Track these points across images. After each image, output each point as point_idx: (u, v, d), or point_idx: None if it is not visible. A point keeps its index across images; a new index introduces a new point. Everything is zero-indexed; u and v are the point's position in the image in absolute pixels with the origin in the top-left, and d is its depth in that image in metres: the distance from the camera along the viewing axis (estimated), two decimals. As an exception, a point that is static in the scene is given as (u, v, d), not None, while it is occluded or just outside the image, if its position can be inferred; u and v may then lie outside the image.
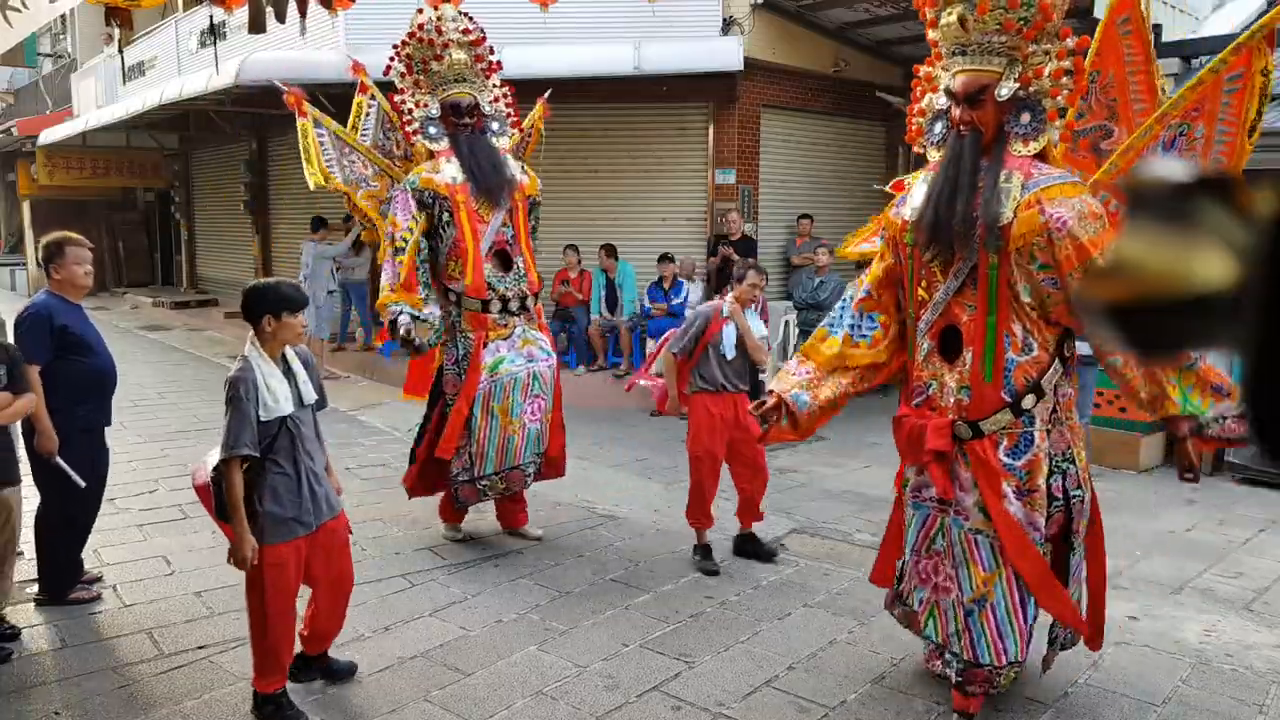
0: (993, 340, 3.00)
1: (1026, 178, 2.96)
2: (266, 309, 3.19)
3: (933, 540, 3.23)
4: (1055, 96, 3.01)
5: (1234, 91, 3.06)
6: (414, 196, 4.91)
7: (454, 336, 5.02)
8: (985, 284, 2.99)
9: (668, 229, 10.13)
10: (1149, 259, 0.67)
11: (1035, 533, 3.04)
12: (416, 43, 4.98)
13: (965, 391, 3.07)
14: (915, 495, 3.28)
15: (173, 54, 14.16)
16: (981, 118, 3.01)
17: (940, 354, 3.16)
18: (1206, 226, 0.65)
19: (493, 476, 4.98)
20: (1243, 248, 0.64)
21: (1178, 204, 0.67)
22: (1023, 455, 3.04)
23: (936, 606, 3.24)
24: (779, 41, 9.74)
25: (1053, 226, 2.85)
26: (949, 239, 3.00)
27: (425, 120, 5.05)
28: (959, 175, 3.00)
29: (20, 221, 21.06)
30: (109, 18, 5.20)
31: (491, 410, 4.94)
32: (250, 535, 3.12)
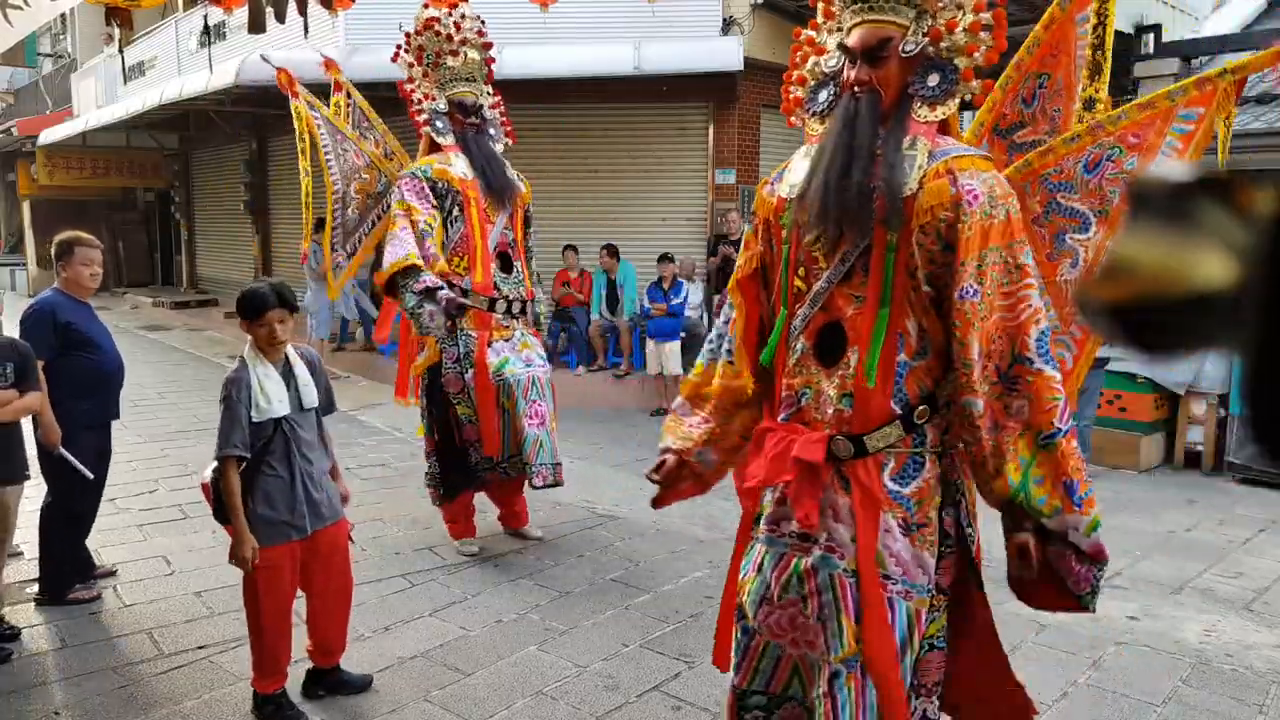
0: (881, 337, 2.44)
1: (934, 145, 2.46)
2: (258, 310, 3.17)
3: (787, 586, 2.49)
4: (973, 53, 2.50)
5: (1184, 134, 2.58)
6: (428, 185, 4.85)
7: (455, 336, 4.96)
8: (879, 269, 2.44)
9: (668, 229, 10.13)
10: (1149, 259, 0.67)
11: (923, 576, 2.39)
12: (432, 35, 4.94)
13: (847, 400, 2.45)
14: (771, 529, 2.57)
15: (173, 54, 14.16)
16: (882, 77, 2.49)
17: (817, 357, 2.55)
18: (1206, 226, 0.65)
19: (514, 459, 4.96)
20: (1243, 248, 0.64)
21: (1178, 204, 0.67)
22: (911, 481, 2.44)
23: (802, 662, 2.54)
24: (779, 41, 9.74)
25: (964, 198, 2.33)
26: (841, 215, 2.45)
27: (433, 113, 5.02)
28: (854, 141, 2.47)
29: (20, 221, 21.07)
30: (109, 18, 5.20)
31: (501, 405, 4.93)
32: (250, 535, 3.12)
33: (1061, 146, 2.66)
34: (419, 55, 5.02)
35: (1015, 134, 2.72)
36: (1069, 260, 2.56)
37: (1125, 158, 2.61)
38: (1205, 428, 7.08)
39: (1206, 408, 7.05)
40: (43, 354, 4.05)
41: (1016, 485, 2.25)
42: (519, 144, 5.83)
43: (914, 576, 2.39)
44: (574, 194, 10.09)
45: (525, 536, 5.32)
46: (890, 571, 2.39)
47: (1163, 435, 7.27)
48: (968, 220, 2.32)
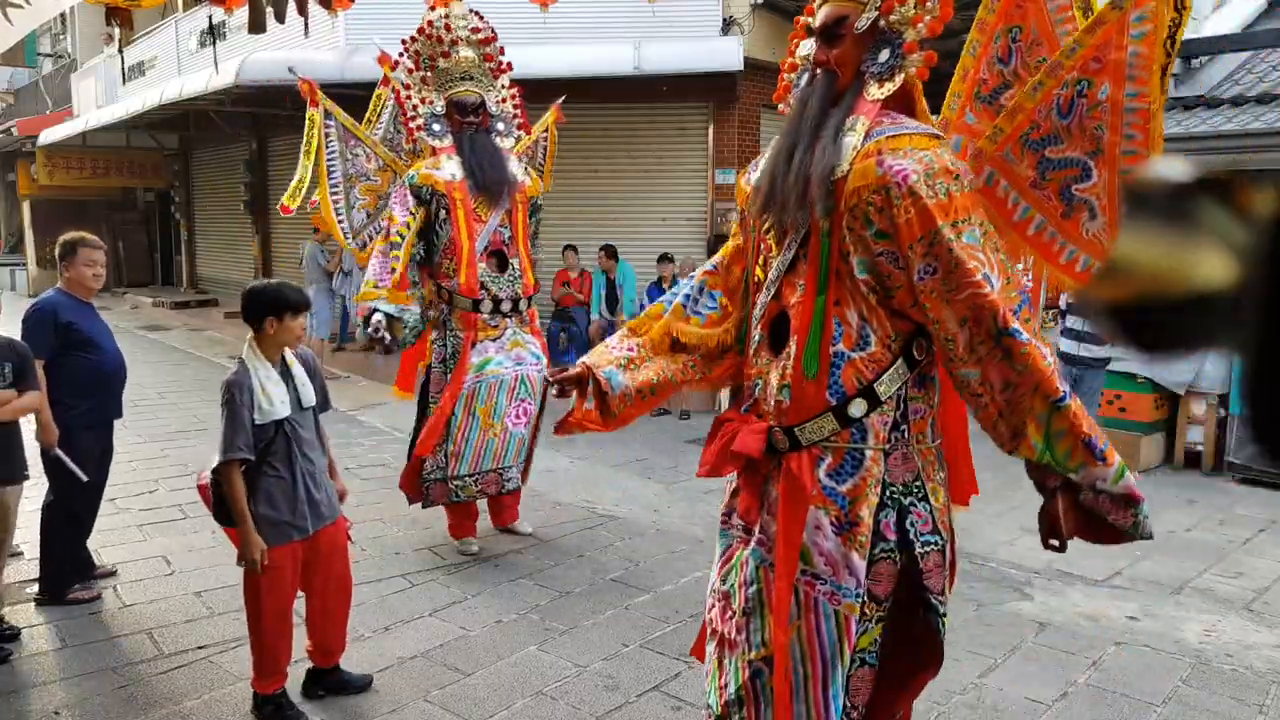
0: (819, 326, 2.32)
1: (873, 125, 2.32)
2: (267, 311, 3.19)
3: (725, 577, 2.48)
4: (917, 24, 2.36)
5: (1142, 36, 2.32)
6: (412, 192, 4.91)
7: (443, 335, 5.01)
8: (816, 255, 2.33)
9: (668, 229, 10.13)
10: (1149, 259, 0.67)
11: (852, 580, 2.25)
12: (425, 39, 4.97)
13: (786, 391, 2.35)
14: (724, 521, 2.55)
15: (173, 54, 14.17)
16: (839, 57, 2.39)
17: (769, 346, 2.46)
18: (1206, 226, 0.65)
19: (465, 478, 4.93)
20: (1243, 248, 0.64)
21: (1177, 204, 0.67)
22: (847, 479, 2.32)
23: (719, 665, 2.47)
24: (779, 41, 9.74)
25: (891, 181, 2.19)
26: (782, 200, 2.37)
27: (430, 117, 5.03)
28: (800, 125, 2.39)
29: (20, 221, 21.06)
30: (109, 18, 5.19)
31: (474, 411, 4.92)
32: (257, 536, 3.12)
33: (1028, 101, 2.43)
34: (417, 61, 5.04)
35: (1001, 96, 2.53)
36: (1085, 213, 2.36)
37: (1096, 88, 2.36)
38: (1205, 428, 7.08)
39: (1206, 408, 7.05)
40: (42, 354, 4.07)
41: (1041, 447, 2.17)
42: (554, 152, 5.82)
43: (841, 578, 2.27)
44: (574, 194, 10.08)
45: (516, 532, 5.35)
46: (819, 570, 2.29)
47: (1163, 435, 7.27)
48: (900, 204, 2.19)
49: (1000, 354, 2.13)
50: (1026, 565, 4.91)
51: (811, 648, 2.29)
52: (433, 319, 5.06)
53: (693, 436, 7.93)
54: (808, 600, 2.29)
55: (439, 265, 5.02)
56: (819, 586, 2.28)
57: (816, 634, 2.27)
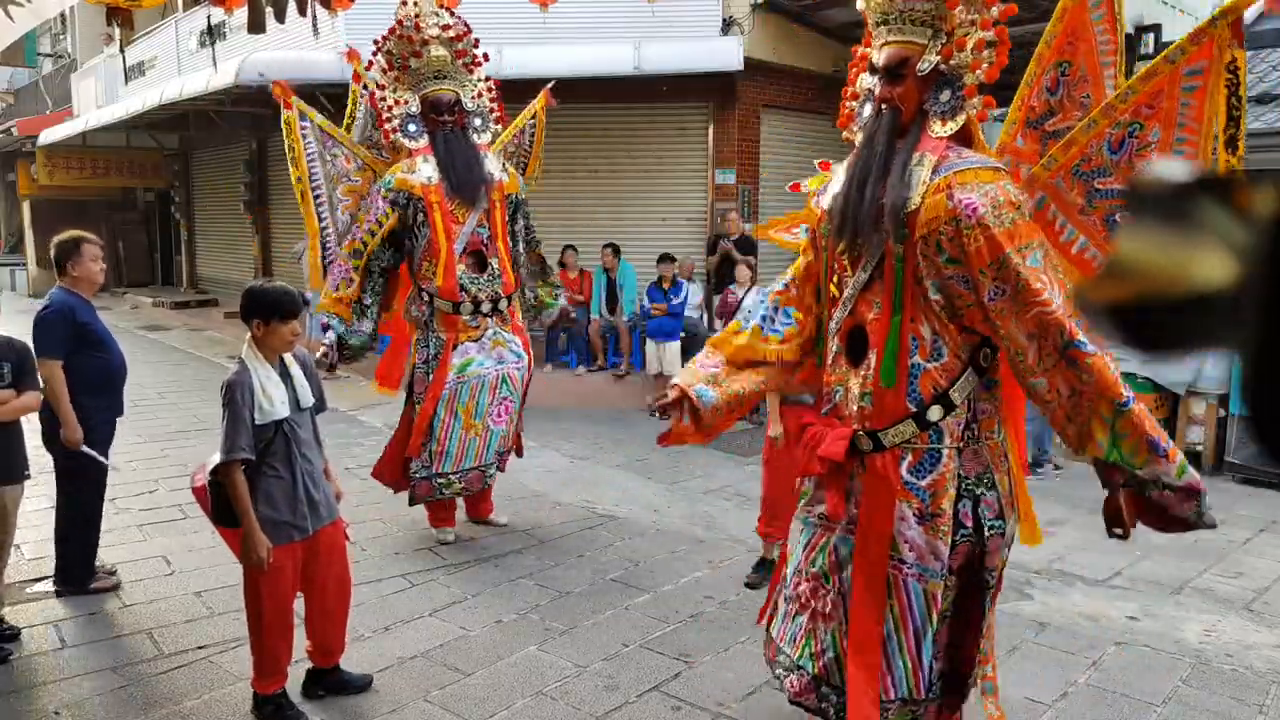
0: (896, 341, 2.64)
1: (940, 160, 2.62)
2: (255, 313, 3.18)
3: (814, 561, 2.83)
4: (975, 70, 2.64)
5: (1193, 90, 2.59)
6: (386, 197, 4.92)
7: (426, 336, 5.05)
8: (891, 278, 2.65)
9: (668, 229, 10.13)
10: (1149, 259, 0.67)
11: (937, 563, 2.62)
12: (396, 39, 4.94)
13: (868, 398, 2.69)
14: (807, 511, 2.90)
15: (173, 54, 14.16)
16: (901, 95, 2.68)
17: (847, 357, 2.80)
18: (1206, 226, 0.65)
19: (449, 475, 5.04)
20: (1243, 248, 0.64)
21: (1178, 204, 0.67)
22: (927, 474, 2.64)
23: (814, 635, 2.82)
24: (779, 41, 9.74)
25: (961, 214, 2.49)
26: (855, 228, 2.67)
27: (405, 117, 5.01)
28: (870, 158, 2.68)
29: (20, 221, 21.05)
30: (109, 18, 5.19)
31: (456, 411, 5.00)
32: (262, 535, 3.12)
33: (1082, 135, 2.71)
34: (389, 61, 5.01)
35: (1046, 123, 2.80)
36: None
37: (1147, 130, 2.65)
38: (1205, 428, 7.08)
39: (1206, 408, 7.05)
40: (60, 353, 4.12)
41: (1107, 447, 2.42)
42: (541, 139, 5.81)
43: (927, 561, 2.62)
44: (574, 194, 10.08)
45: (492, 524, 5.42)
46: (905, 556, 2.63)
47: (1163, 435, 7.27)
48: (970, 234, 2.47)
49: (1066, 364, 2.40)
50: (1026, 565, 4.91)
51: (904, 621, 2.65)
52: (415, 319, 5.10)
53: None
54: (897, 582, 2.65)
55: (419, 268, 5.04)
56: (905, 570, 2.64)
57: (908, 610, 2.64)
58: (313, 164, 5.11)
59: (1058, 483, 6.69)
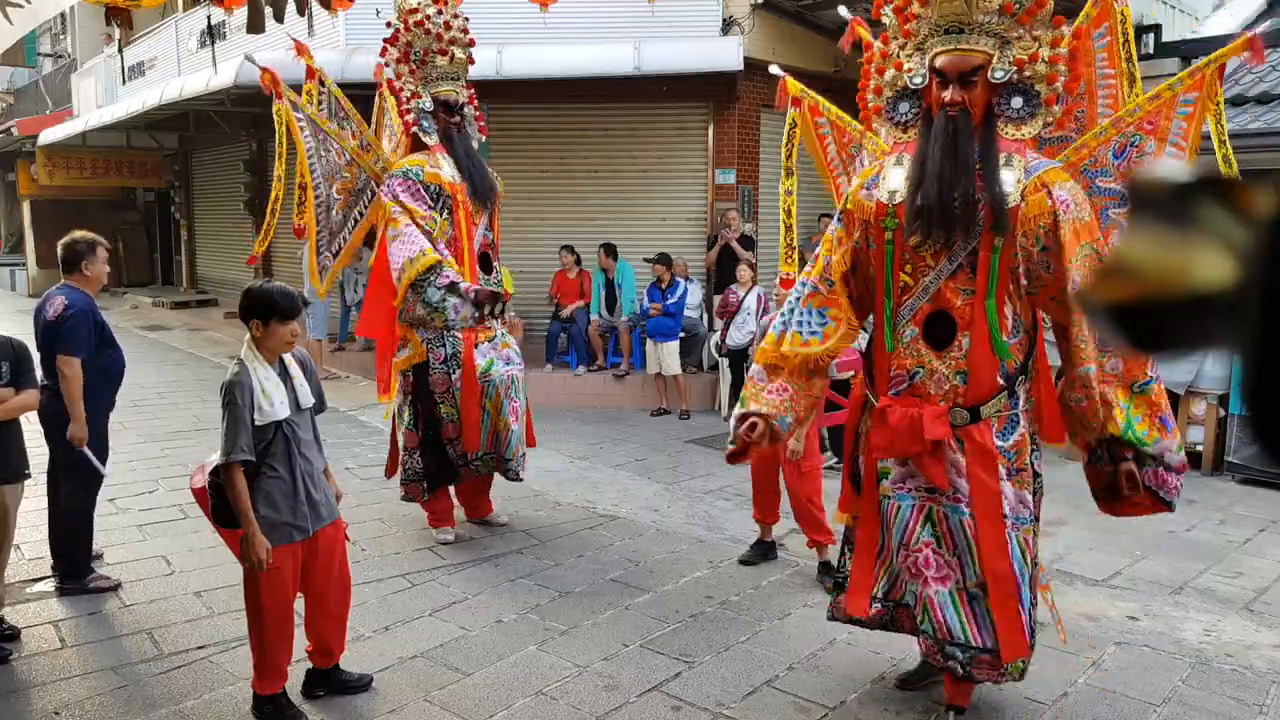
0: (994, 324, 2.95)
1: (1028, 161, 2.97)
2: (253, 313, 3.17)
3: (921, 531, 3.12)
4: (1053, 82, 2.97)
5: (1186, 115, 3.10)
6: (422, 188, 4.87)
7: (441, 336, 5.02)
8: (986, 267, 2.93)
9: (668, 229, 10.13)
10: (1149, 259, 0.67)
11: (1026, 510, 3.03)
12: (422, 33, 4.90)
13: (961, 377, 3.00)
14: (899, 486, 3.15)
15: (173, 54, 14.16)
16: (972, 99, 2.95)
17: (926, 341, 3.06)
18: (1206, 226, 0.65)
19: (485, 456, 5.09)
20: (1243, 248, 0.64)
21: (1178, 204, 0.67)
22: (1010, 436, 3.03)
23: (930, 600, 3.09)
24: (779, 41, 9.74)
25: (1059, 209, 2.86)
26: (948, 222, 2.91)
27: (419, 112, 5.00)
28: (957, 156, 2.91)
29: (20, 221, 21.05)
30: (109, 18, 5.19)
31: (485, 407, 5.04)
32: (262, 536, 3.11)
33: (1093, 140, 3.19)
34: (406, 52, 4.97)
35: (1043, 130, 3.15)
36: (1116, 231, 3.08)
37: (1145, 142, 3.13)
38: (1205, 428, 7.07)
39: (1206, 408, 7.05)
40: (83, 352, 4.20)
41: (1124, 425, 2.87)
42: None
43: (1019, 512, 3.03)
44: (574, 194, 10.08)
45: (492, 524, 5.42)
46: (1003, 511, 3.00)
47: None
48: (1066, 225, 2.85)
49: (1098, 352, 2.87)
50: (1026, 565, 4.91)
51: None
52: (422, 318, 4.98)
53: (692, 436, 7.93)
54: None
55: None
56: (1005, 523, 3.00)
57: (1011, 560, 3.00)
58: (311, 161, 5.08)
59: (1059, 483, 6.68)
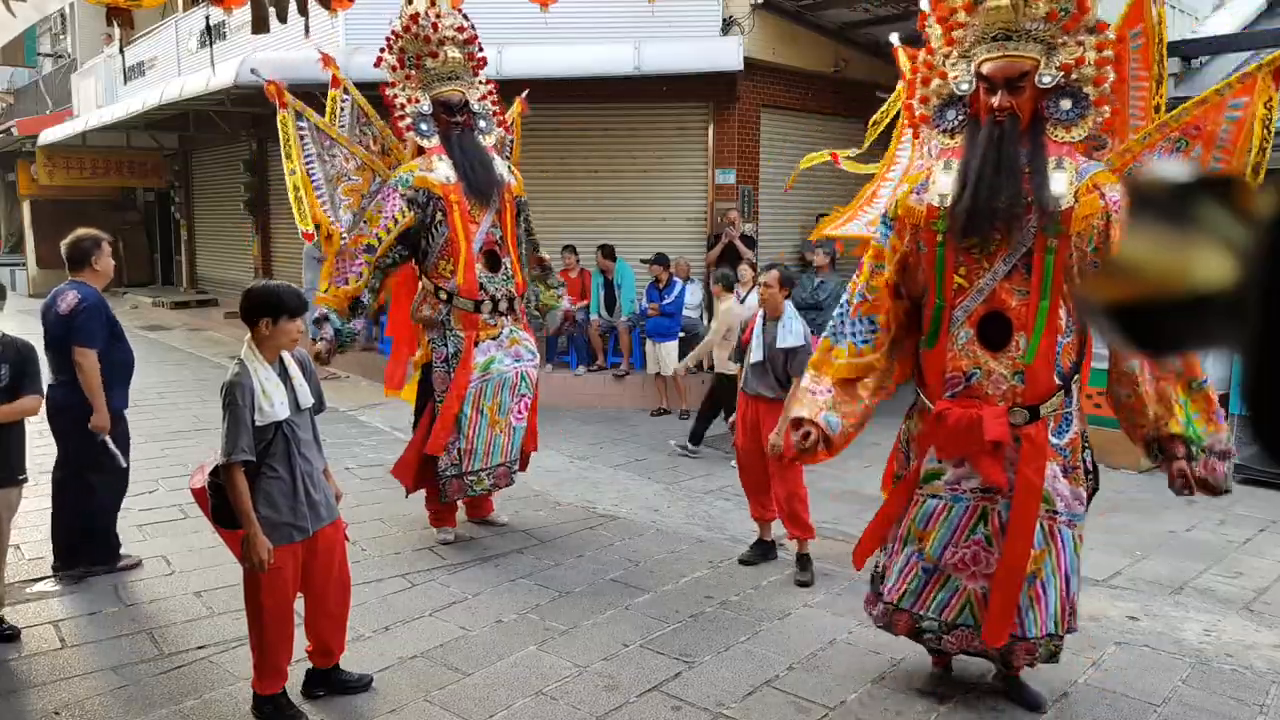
0: (1046, 324, 3.01)
1: (1078, 163, 3.02)
2: (263, 313, 3.18)
3: (973, 530, 3.18)
4: (1100, 84, 3.02)
5: (1234, 120, 3.10)
6: (405, 195, 4.89)
7: (443, 334, 5.04)
8: (1041, 268, 2.99)
9: (668, 229, 10.13)
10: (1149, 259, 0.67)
11: (1080, 506, 3.14)
12: (411, 38, 4.93)
13: (1019, 377, 3.05)
14: (953, 488, 3.20)
15: (173, 54, 14.16)
16: (1020, 103, 3.01)
17: (981, 342, 3.11)
18: (1206, 226, 0.65)
19: (479, 472, 5.06)
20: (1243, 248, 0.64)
21: (1178, 204, 0.67)
22: (1065, 434, 3.12)
23: (975, 594, 3.19)
24: (779, 41, 9.74)
25: (1111, 209, 2.92)
26: (995, 224, 2.98)
27: (417, 116, 5.01)
28: (1006, 160, 2.97)
29: (20, 221, 21.04)
30: (109, 18, 5.18)
31: (482, 409, 5.02)
32: (263, 536, 3.11)
33: (1137, 145, 3.21)
34: (401, 59, 4.99)
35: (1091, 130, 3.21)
36: None
37: (1191, 146, 3.15)
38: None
39: (1206, 408, 7.05)
40: (98, 344, 4.35)
41: (1185, 422, 2.95)
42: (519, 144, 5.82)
43: (1074, 508, 3.14)
44: (574, 194, 10.08)
45: (494, 524, 5.42)
46: (1057, 508, 3.10)
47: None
48: (1117, 225, 2.90)
49: None
50: (1026, 565, 4.91)
51: (1059, 564, 3.14)
52: (426, 319, 5.07)
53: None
54: (1053, 531, 3.11)
55: (435, 266, 5.03)
56: (1059, 519, 3.11)
57: (1062, 553, 3.13)
58: (310, 164, 5.08)
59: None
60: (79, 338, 4.29)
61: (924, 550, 3.24)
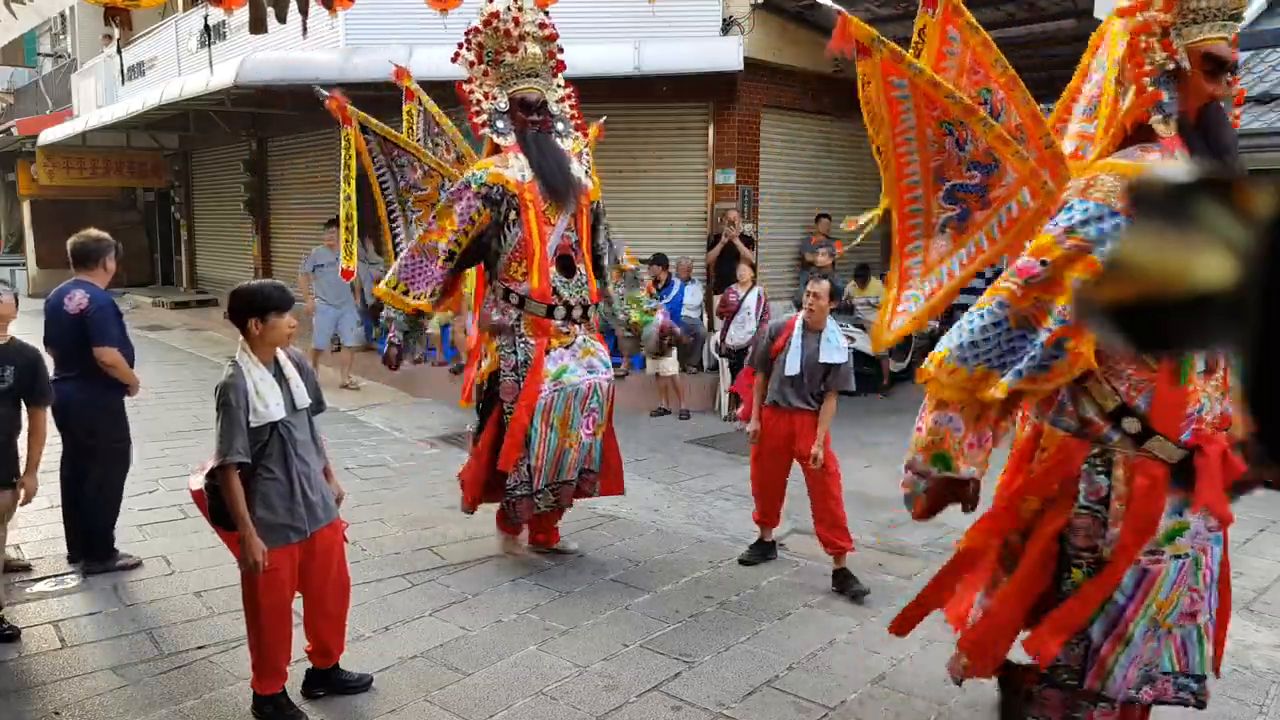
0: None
1: None
2: (249, 312, 3.16)
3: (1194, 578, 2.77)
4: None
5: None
6: (480, 192, 4.63)
7: (513, 341, 4.72)
8: None
9: (668, 229, 10.13)
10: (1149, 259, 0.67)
11: None
12: (491, 32, 4.73)
13: (1223, 401, 2.68)
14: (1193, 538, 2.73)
15: (172, 54, 14.16)
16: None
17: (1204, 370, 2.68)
18: (1206, 226, 0.65)
19: (545, 491, 4.79)
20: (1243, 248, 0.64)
21: (1178, 204, 0.67)
22: None
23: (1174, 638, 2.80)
24: (779, 42, 9.74)
25: None
26: None
27: (494, 113, 4.80)
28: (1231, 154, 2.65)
29: (20, 221, 21.04)
30: (109, 18, 5.19)
31: (551, 422, 4.72)
32: (258, 539, 3.10)
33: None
34: (479, 53, 4.79)
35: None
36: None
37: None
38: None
39: (1206, 408, 7.05)
40: (114, 342, 4.52)
41: None
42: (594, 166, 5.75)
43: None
44: (574, 194, 10.06)
45: (562, 552, 5.12)
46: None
47: (1163, 435, 7.26)
48: None
49: None
50: (1026, 565, 4.91)
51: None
52: (496, 324, 4.76)
53: (692, 436, 7.93)
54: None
55: (506, 268, 4.73)
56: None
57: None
58: (384, 180, 4.97)
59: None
60: (98, 338, 4.45)
61: (1159, 619, 2.73)
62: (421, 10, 5.10)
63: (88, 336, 4.43)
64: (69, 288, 4.51)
